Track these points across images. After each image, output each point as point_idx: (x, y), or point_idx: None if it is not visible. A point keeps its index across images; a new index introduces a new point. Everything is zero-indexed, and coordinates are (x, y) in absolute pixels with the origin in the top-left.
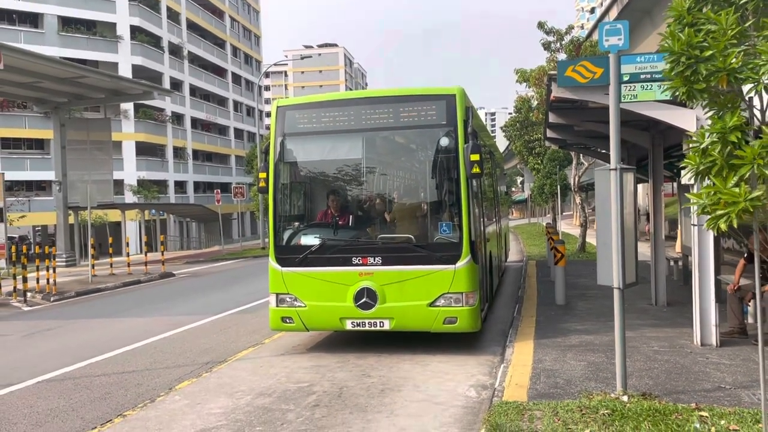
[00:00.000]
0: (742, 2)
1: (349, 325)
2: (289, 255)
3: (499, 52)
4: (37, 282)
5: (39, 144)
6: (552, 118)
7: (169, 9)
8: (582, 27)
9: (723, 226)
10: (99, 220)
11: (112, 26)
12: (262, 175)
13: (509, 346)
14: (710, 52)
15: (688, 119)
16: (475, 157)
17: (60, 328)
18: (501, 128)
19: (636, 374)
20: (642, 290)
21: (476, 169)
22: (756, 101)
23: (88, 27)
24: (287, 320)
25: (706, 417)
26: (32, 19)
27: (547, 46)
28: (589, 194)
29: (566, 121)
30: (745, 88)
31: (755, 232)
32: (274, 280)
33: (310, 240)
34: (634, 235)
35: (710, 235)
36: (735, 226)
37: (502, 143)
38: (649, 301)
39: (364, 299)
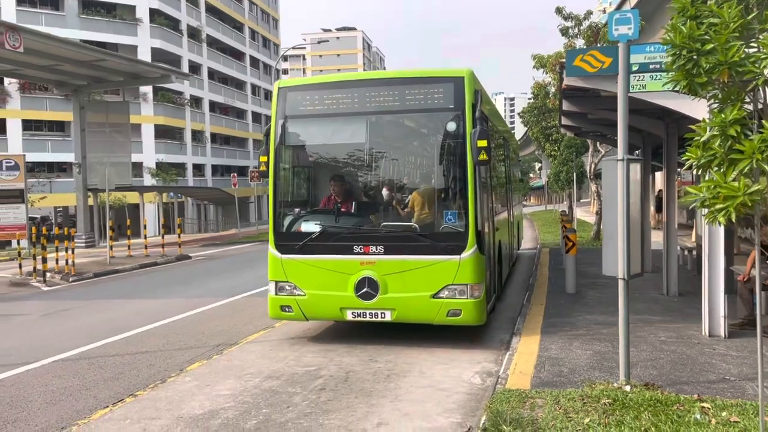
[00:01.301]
0: None
1: (349, 316)
2: (289, 242)
3: (519, 35)
4: (57, 263)
5: (60, 126)
6: (566, 105)
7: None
8: (604, 11)
9: (722, 220)
10: (118, 202)
11: (132, 9)
12: (263, 158)
13: (516, 333)
14: (711, 45)
15: (700, 109)
16: (483, 143)
17: (78, 309)
18: (518, 114)
19: (641, 364)
20: (654, 280)
21: (483, 156)
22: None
23: (108, 10)
24: (286, 309)
25: (708, 408)
26: (53, 2)
27: (564, 31)
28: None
29: (580, 109)
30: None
31: (756, 226)
32: (274, 267)
33: (310, 227)
34: (639, 226)
35: (720, 225)
36: (733, 220)
37: (520, 129)
38: (661, 291)
39: (365, 289)
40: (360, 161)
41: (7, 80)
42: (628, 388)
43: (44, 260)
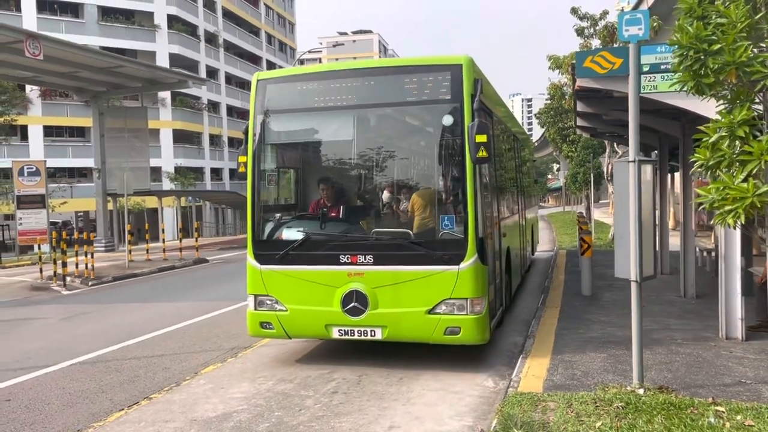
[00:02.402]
0: None
1: (335, 333)
2: (270, 251)
3: (538, 35)
4: (77, 267)
5: (80, 132)
6: (580, 106)
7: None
8: (622, 11)
9: (731, 222)
10: (137, 206)
11: (150, 15)
12: (242, 158)
13: (530, 336)
14: (718, 45)
15: (713, 109)
16: (482, 138)
17: (96, 312)
18: (535, 115)
19: (656, 367)
20: (672, 282)
21: (483, 153)
22: None
23: (127, 17)
24: (267, 326)
25: (722, 412)
26: (73, 9)
27: (580, 31)
28: None
29: (594, 110)
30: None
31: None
32: (253, 279)
33: (292, 234)
34: (652, 228)
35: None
36: (743, 221)
37: (538, 130)
38: (678, 293)
39: (352, 304)
40: (347, 161)
41: (28, 87)
42: (641, 391)
43: (64, 264)
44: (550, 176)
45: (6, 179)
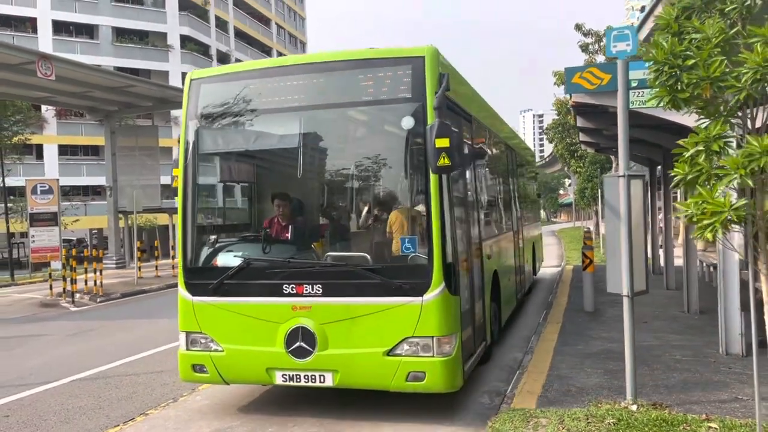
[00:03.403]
0: (727, 9)
1: (279, 379)
2: (203, 280)
3: (545, 52)
4: (86, 283)
5: (95, 150)
6: (580, 122)
7: (217, 18)
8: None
9: (709, 236)
10: (149, 223)
11: (163, 36)
12: (176, 171)
13: (528, 352)
14: (692, 61)
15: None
16: (443, 142)
17: (102, 329)
18: (543, 131)
19: (651, 383)
20: (677, 297)
21: (444, 161)
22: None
23: (141, 37)
24: (200, 369)
25: (715, 429)
26: (88, 31)
27: (584, 48)
28: None
29: (594, 125)
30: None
31: (749, 242)
32: (184, 313)
33: (229, 260)
34: (643, 243)
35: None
36: (721, 236)
37: (550, 146)
38: (682, 309)
39: (298, 343)
40: (292, 173)
41: (44, 107)
42: (634, 407)
43: (73, 281)
44: (561, 191)
45: (20, 197)
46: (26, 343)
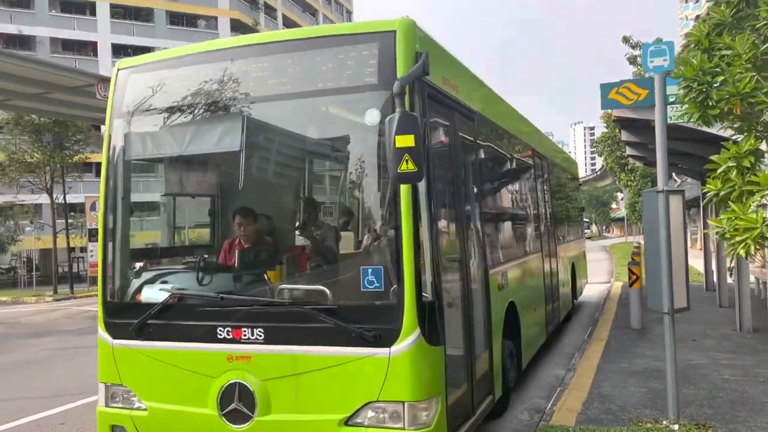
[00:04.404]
0: (758, 26)
1: None
2: (125, 319)
3: (595, 61)
4: None
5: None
6: (625, 135)
7: (266, 5)
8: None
9: (742, 252)
10: None
11: (214, 21)
12: (114, 184)
13: (571, 369)
14: (722, 77)
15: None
16: (406, 140)
17: None
18: (592, 144)
19: (697, 402)
20: (730, 315)
21: (408, 166)
22: None
23: (191, 21)
24: (119, 431)
25: None
26: (145, 15)
27: (632, 60)
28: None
29: (639, 139)
30: None
31: None
32: (104, 360)
33: (155, 293)
34: (684, 259)
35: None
36: (753, 252)
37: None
38: (734, 327)
39: (233, 405)
40: (232, 183)
41: (103, 127)
42: (676, 427)
43: None
44: (614, 205)
45: (80, 213)
46: (83, 354)
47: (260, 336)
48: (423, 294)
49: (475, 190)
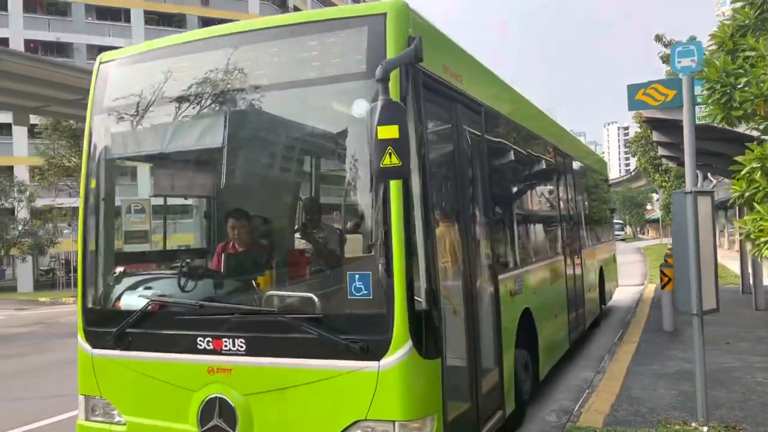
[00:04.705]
0: None
1: None
2: (104, 327)
3: (631, 62)
4: None
5: None
6: (656, 136)
7: (295, 8)
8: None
9: (766, 253)
10: None
11: None
12: (94, 184)
13: (600, 371)
14: (745, 79)
15: None
16: (389, 131)
17: None
18: (624, 144)
19: (728, 405)
20: (765, 318)
21: (392, 160)
22: None
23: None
24: None
25: None
26: (177, 21)
27: (666, 59)
28: (719, 213)
29: (671, 139)
30: None
31: None
32: (84, 371)
33: (134, 300)
34: (713, 260)
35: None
36: None
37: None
38: None
39: (213, 422)
40: (215, 181)
41: None
42: (705, 429)
43: None
44: (649, 206)
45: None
46: None
47: (242, 347)
48: (416, 301)
49: (484, 189)
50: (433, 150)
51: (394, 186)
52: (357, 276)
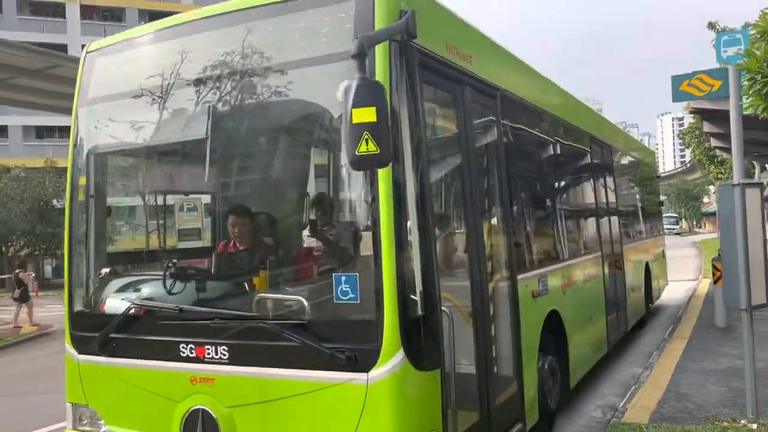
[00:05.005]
0: None
1: None
2: (90, 331)
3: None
4: None
5: None
6: (707, 127)
7: None
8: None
9: None
10: None
11: None
12: (82, 181)
13: (648, 368)
14: None
15: None
16: (365, 115)
17: None
18: (678, 136)
19: None
20: None
21: (369, 146)
22: None
23: None
24: None
25: None
26: None
27: None
28: None
29: (722, 130)
30: None
31: None
32: (71, 378)
33: (119, 304)
34: (763, 254)
35: None
36: None
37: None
38: None
39: None
40: (199, 175)
41: None
42: (754, 426)
43: None
44: (705, 200)
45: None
46: None
47: (224, 355)
48: (410, 305)
49: (500, 180)
50: (435, 136)
51: (383, 176)
52: (343, 278)
